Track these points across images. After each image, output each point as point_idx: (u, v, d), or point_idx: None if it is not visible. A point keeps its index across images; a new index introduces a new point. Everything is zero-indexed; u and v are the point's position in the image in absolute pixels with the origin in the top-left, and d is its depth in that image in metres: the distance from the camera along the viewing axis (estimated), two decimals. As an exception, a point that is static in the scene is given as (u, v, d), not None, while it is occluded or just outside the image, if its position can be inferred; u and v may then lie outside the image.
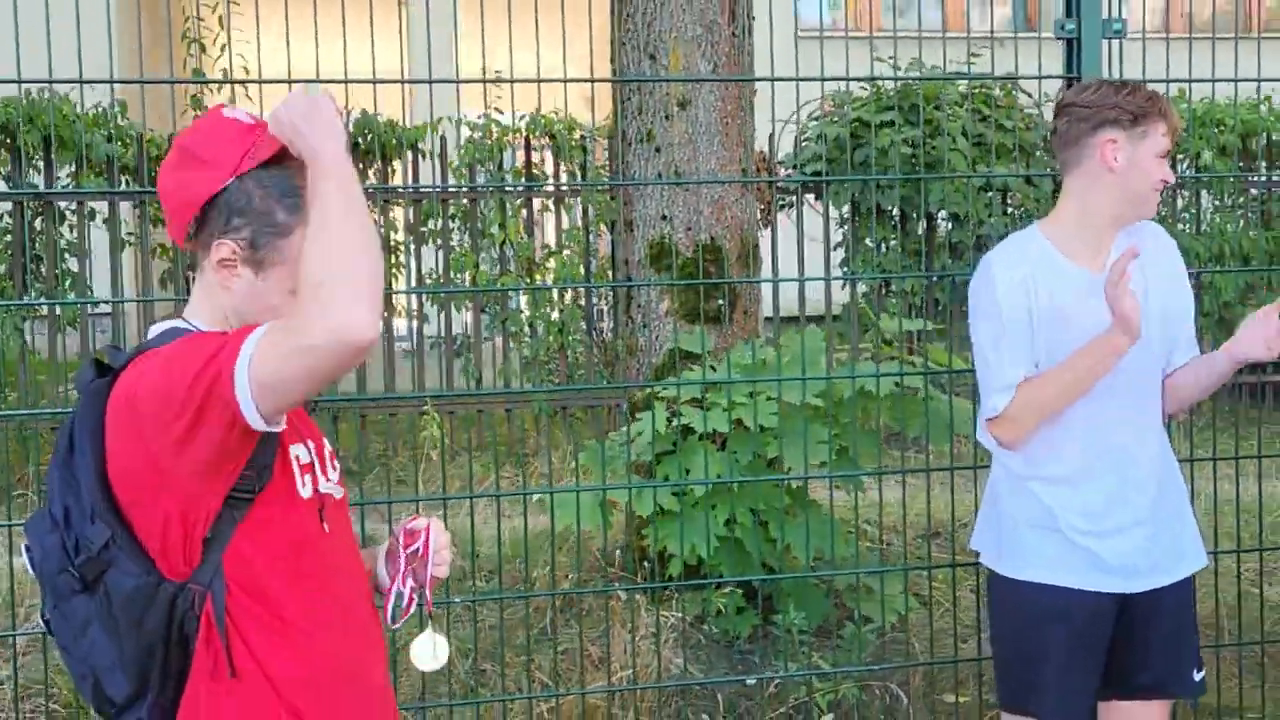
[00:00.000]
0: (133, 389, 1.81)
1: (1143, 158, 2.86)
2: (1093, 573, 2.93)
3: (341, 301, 1.68)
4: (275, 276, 1.91)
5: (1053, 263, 2.93)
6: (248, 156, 1.89)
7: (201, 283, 1.96)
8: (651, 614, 4.24)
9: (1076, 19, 3.49)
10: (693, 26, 4.56)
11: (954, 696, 4.14)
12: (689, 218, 4.63)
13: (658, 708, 4.03)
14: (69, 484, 1.87)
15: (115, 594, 1.84)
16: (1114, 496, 2.91)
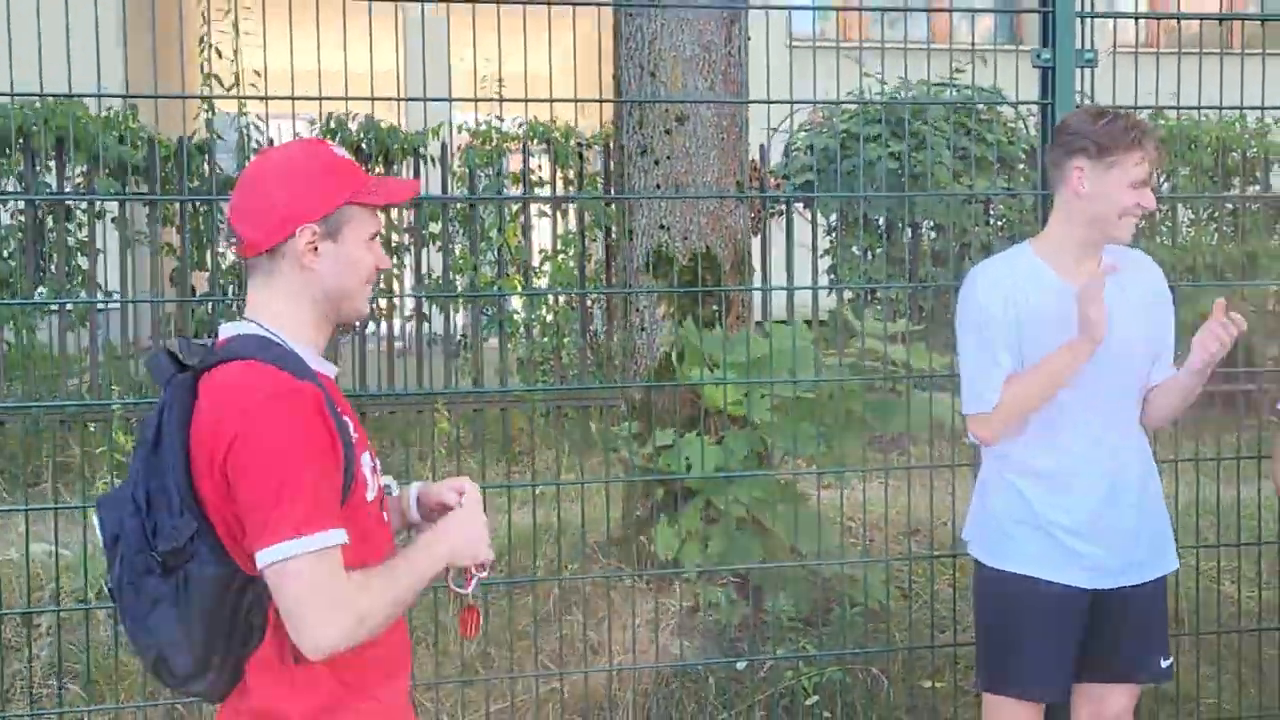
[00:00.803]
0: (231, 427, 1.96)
1: (1110, 186, 3.07)
2: (1072, 569, 3.17)
3: (348, 641, 1.98)
4: (350, 235, 2.14)
5: (1038, 275, 3.17)
6: (365, 190, 2.15)
7: (271, 281, 2.13)
8: (648, 602, 4.49)
9: (1052, 49, 3.74)
10: (691, 46, 4.81)
11: (931, 682, 4.39)
12: (685, 227, 4.88)
13: (654, 689, 4.27)
14: (154, 471, 2.01)
15: (194, 582, 1.98)
16: (1098, 498, 3.16)
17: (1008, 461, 3.26)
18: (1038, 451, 3.20)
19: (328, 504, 1.99)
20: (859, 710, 4.33)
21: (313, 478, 1.98)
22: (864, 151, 7.99)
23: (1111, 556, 3.17)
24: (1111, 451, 3.17)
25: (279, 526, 1.94)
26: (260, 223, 2.11)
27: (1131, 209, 3.08)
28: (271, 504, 1.94)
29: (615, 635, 4.42)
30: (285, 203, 2.10)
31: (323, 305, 2.15)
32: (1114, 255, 3.26)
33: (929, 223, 8.59)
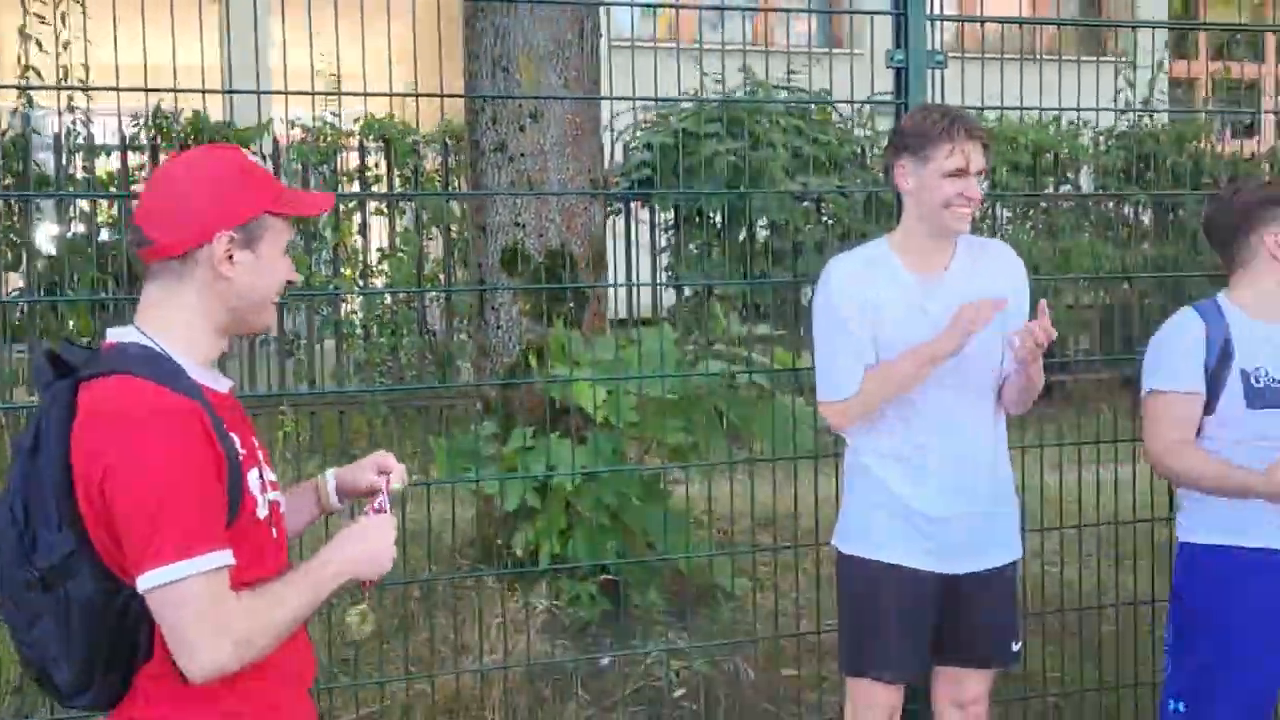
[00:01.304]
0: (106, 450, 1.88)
1: (928, 178, 3.15)
2: (926, 554, 3.26)
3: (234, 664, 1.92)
4: (268, 244, 2.06)
5: (890, 269, 3.26)
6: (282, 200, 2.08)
7: (176, 288, 2.04)
8: (515, 603, 4.47)
9: (905, 50, 3.85)
10: (545, 43, 4.80)
11: (792, 670, 4.47)
12: (541, 224, 4.86)
13: (521, 688, 4.25)
14: (32, 481, 1.92)
15: (75, 599, 1.91)
16: (952, 484, 3.24)
17: (865, 447, 3.35)
18: (893, 437, 3.29)
19: (211, 525, 1.91)
20: (722, 701, 4.39)
21: (193, 498, 1.90)
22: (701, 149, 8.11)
23: (963, 542, 3.27)
24: (965, 438, 3.26)
25: (158, 551, 1.86)
26: (174, 226, 2.01)
27: (953, 199, 3.15)
28: (150, 528, 1.86)
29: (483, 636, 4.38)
30: (203, 207, 2.01)
31: (229, 316, 2.07)
32: (973, 245, 3.37)
33: (763, 221, 8.75)
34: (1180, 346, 3.33)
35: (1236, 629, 3.25)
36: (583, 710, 4.28)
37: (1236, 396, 3.23)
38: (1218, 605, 3.28)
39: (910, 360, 3.19)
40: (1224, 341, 3.26)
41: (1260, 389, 3.22)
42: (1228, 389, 3.24)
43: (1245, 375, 3.23)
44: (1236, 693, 3.27)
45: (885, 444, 3.31)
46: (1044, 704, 4.36)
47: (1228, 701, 3.28)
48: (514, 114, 4.82)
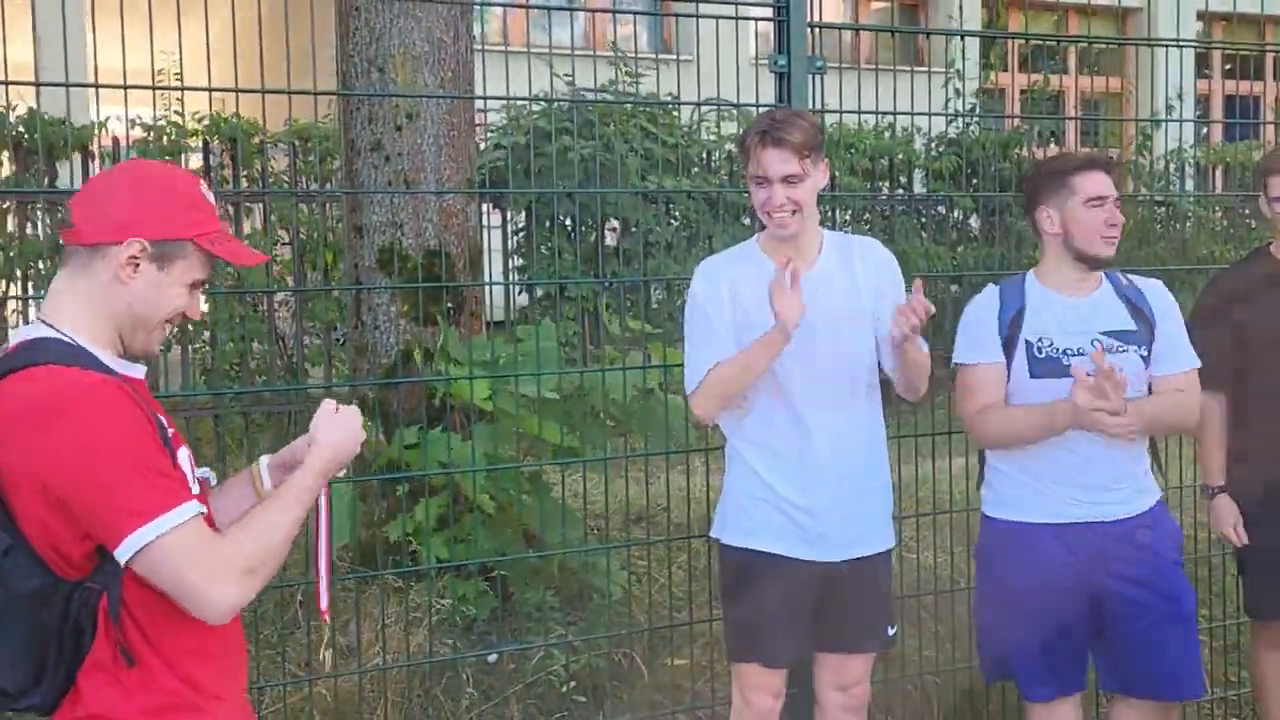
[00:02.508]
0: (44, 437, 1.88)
1: (753, 188, 3.35)
2: (801, 543, 3.40)
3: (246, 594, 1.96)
4: (178, 270, 2.07)
5: (759, 266, 3.39)
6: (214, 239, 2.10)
7: (79, 280, 2.05)
8: (399, 604, 4.45)
9: (788, 56, 3.99)
10: (420, 43, 4.80)
11: (672, 660, 4.57)
12: (418, 225, 4.86)
13: (409, 689, 4.24)
14: None
15: (14, 596, 1.93)
16: (822, 473, 3.38)
17: (739, 438, 3.47)
18: (763, 428, 3.41)
19: (170, 480, 1.95)
20: (610, 691, 4.46)
21: (145, 461, 1.93)
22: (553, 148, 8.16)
23: (837, 530, 3.40)
24: (835, 428, 3.39)
25: (127, 518, 1.89)
26: (96, 216, 2.05)
27: (763, 205, 3.31)
28: (110, 500, 1.90)
29: (367, 637, 4.36)
30: (129, 209, 2.04)
31: (116, 324, 2.07)
32: (844, 243, 3.49)
33: (612, 223, 8.86)
34: (975, 319, 3.57)
35: (1040, 594, 3.47)
36: (475, 707, 4.30)
37: (1021, 365, 3.45)
38: (1020, 573, 3.50)
39: (753, 347, 3.30)
40: (1016, 313, 3.48)
41: (1041, 359, 3.42)
42: (1015, 358, 3.46)
43: (1029, 345, 3.44)
44: (1045, 650, 3.50)
45: (756, 434, 3.44)
46: (920, 683, 4.56)
47: (1036, 658, 3.51)
48: (390, 114, 4.80)
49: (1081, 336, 3.42)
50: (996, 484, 3.61)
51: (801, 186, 3.30)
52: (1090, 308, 3.48)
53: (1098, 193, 3.44)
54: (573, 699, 4.35)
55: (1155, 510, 3.55)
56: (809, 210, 3.36)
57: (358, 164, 4.84)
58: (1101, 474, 3.43)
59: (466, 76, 4.96)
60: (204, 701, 2.08)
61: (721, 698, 4.27)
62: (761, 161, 3.29)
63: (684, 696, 4.42)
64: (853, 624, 3.52)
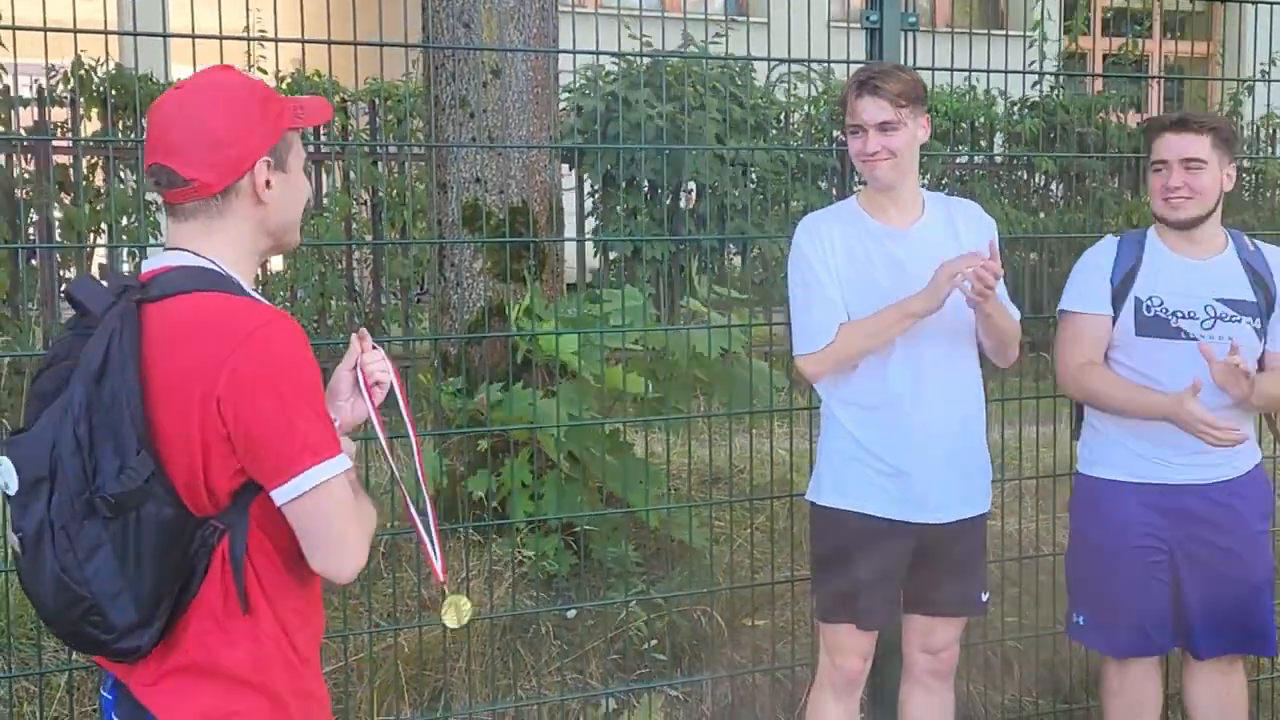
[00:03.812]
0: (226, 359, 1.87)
1: (850, 138, 3.36)
2: (895, 504, 3.37)
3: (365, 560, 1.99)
4: (293, 161, 2.07)
5: (860, 223, 3.39)
6: (298, 115, 2.07)
7: (216, 224, 2.00)
8: (479, 558, 4.48)
9: (879, 11, 3.93)
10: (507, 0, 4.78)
11: (753, 620, 4.57)
12: (502, 181, 4.86)
13: (490, 640, 4.27)
14: (96, 405, 1.86)
15: (146, 525, 1.87)
16: (920, 435, 3.35)
17: (838, 398, 3.45)
18: (861, 388, 3.39)
19: (330, 425, 1.97)
20: (688, 650, 4.47)
21: (320, 402, 1.95)
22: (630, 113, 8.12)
23: (933, 493, 3.37)
24: (934, 391, 3.36)
25: (314, 448, 1.90)
26: (215, 163, 1.97)
27: (861, 155, 3.31)
28: (290, 432, 1.89)
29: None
30: (234, 138, 1.98)
31: (265, 241, 2.07)
32: (945, 204, 3.48)
33: (688, 187, 8.81)
34: (1089, 267, 3.54)
35: (1121, 553, 3.48)
36: (554, 661, 4.32)
37: (1128, 321, 3.44)
38: (1103, 530, 3.52)
39: (889, 313, 3.29)
40: (1131, 267, 3.46)
41: (1149, 317, 3.40)
42: (1123, 313, 3.44)
43: (1138, 302, 3.43)
44: (1124, 608, 3.51)
45: (853, 394, 3.41)
46: (1000, 649, 4.53)
47: (1117, 615, 3.52)
48: (475, 70, 4.80)
49: (1194, 300, 3.39)
50: (1091, 441, 3.59)
51: (897, 135, 3.28)
52: (1208, 270, 3.45)
53: (1159, 155, 3.44)
54: (653, 656, 4.37)
55: (1251, 475, 3.50)
56: (906, 162, 3.33)
57: (442, 120, 4.84)
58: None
59: (551, 34, 4.95)
60: (300, 663, 2.07)
61: (801, 659, 4.27)
62: (857, 109, 3.30)
63: (763, 658, 4.42)
64: (946, 588, 3.49)
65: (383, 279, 8.14)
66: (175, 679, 1.96)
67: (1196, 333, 3.34)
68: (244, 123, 1.99)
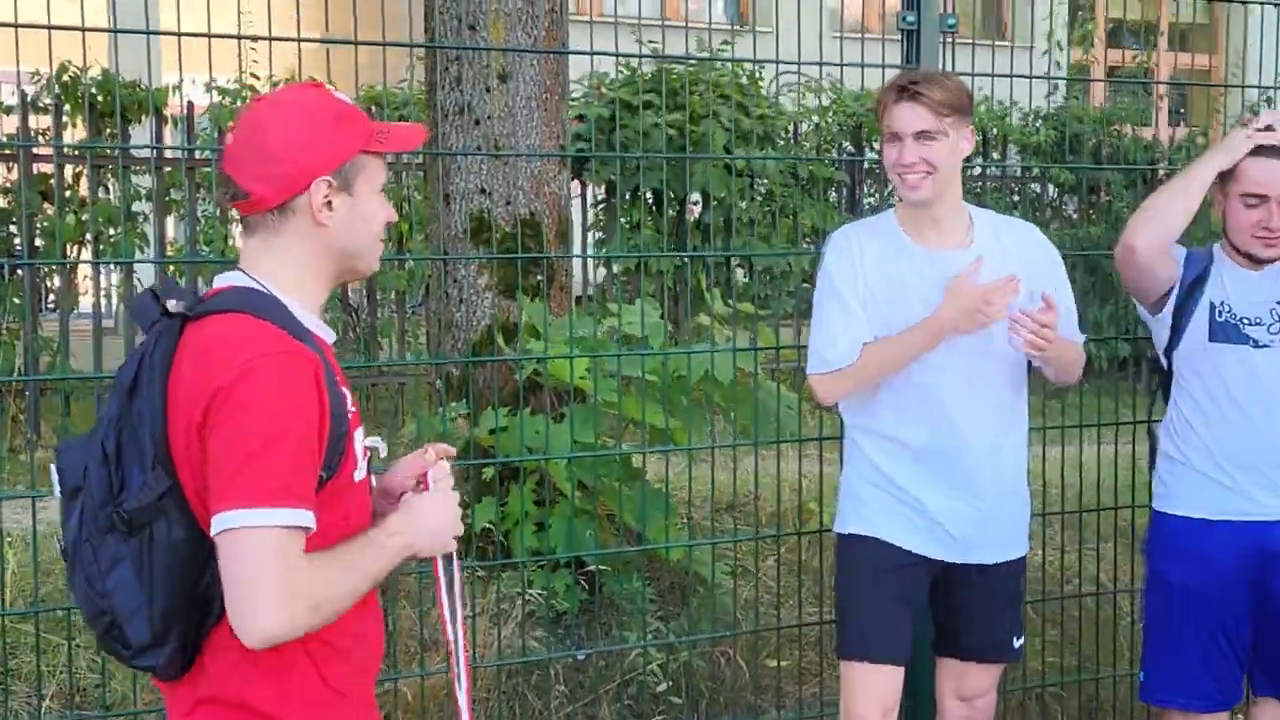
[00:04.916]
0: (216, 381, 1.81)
1: (885, 148, 3.07)
2: (920, 538, 3.11)
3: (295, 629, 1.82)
4: (363, 185, 1.98)
5: (896, 241, 3.11)
6: (377, 137, 2.00)
7: (276, 241, 1.96)
8: (485, 595, 4.20)
9: (917, 13, 3.67)
10: (514, 0, 4.51)
11: (778, 662, 4.29)
12: (508, 192, 4.59)
13: (495, 685, 3.99)
14: (127, 419, 1.85)
15: (159, 544, 1.83)
16: (945, 473, 3.08)
17: (858, 425, 3.20)
18: (882, 418, 3.14)
19: (303, 481, 1.84)
20: (705, 693, 4.19)
21: (293, 448, 1.83)
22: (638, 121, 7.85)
23: (962, 533, 3.11)
24: (959, 428, 3.09)
25: (246, 490, 1.78)
26: (269, 176, 1.93)
27: (896, 166, 3.03)
28: (242, 465, 1.79)
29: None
30: (297, 154, 1.93)
31: (332, 264, 2.01)
32: (994, 223, 3.20)
33: (694, 198, 8.54)
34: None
35: (1199, 599, 3.27)
36: (564, 706, 4.04)
37: (1201, 327, 3.25)
38: (1185, 575, 3.30)
39: (914, 333, 3.02)
40: (1199, 275, 3.29)
41: (1221, 322, 3.24)
42: (1194, 320, 3.26)
43: (1212, 307, 3.24)
44: (1201, 661, 3.29)
45: (874, 424, 3.15)
46: (1039, 694, 4.26)
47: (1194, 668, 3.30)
48: (481, 74, 4.52)
49: (1260, 306, 3.24)
50: (1167, 474, 3.35)
51: (937, 146, 2.99)
52: (1270, 277, 3.28)
53: (1256, 189, 3.16)
54: (668, 699, 4.08)
55: None
56: (947, 175, 3.04)
57: (445, 127, 4.57)
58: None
59: (562, 38, 4.68)
60: (332, 696, 1.97)
61: (829, 703, 3.99)
62: (894, 116, 3.01)
63: (786, 700, 4.15)
64: (977, 631, 3.23)
65: (377, 292, 7.86)
66: (205, 710, 1.93)
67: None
68: (307, 139, 1.94)
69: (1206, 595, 3.27)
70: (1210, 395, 3.27)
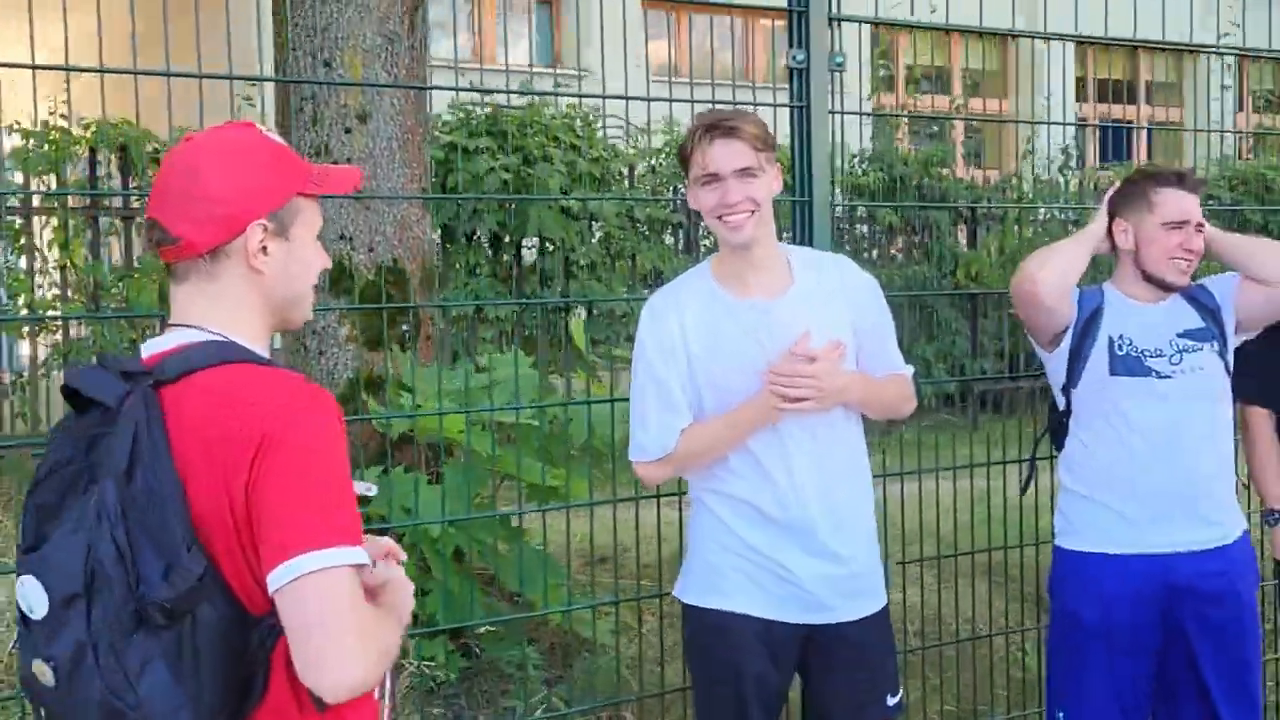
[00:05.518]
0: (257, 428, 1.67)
1: (693, 192, 2.86)
2: (779, 601, 2.88)
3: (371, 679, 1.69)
4: (300, 230, 1.87)
5: (716, 297, 2.88)
6: (313, 181, 1.88)
7: (209, 288, 1.82)
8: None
9: (806, 51, 3.60)
10: (372, 36, 4.28)
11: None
12: (370, 238, 4.34)
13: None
14: (131, 507, 1.65)
15: (204, 629, 1.66)
16: (796, 529, 2.86)
17: (702, 486, 2.95)
18: (726, 480, 2.89)
19: (357, 517, 1.73)
20: (598, 761, 3.99)
21: (347, 485, 1.73)
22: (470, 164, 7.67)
23: (818, 591, 2.88)
24: (815, 474, 2.87)
25: (315, 533, 1.65)
26: (200, 219, 1.79)
27: (719, 208, 2.80)
28: (307, 508, 1.66)
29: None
30: (231, 196, 1.79)
31: (268, 314, 1.87)
32: (811, 260, 2.99)
33: (530, 242, 8.39)
34: None
35: (1107, 634, 3.26)
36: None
37: (1101, 362, 3.26)
38: (1084, 609, 3.29)
39: (723, 425, 2.83)
40: (1094, 311, 3.31)
41: (1122, 355, 3.26)
42: (1093, 355, 3.27)
43: (1111, 341, 3.27)
44: (1104, 695, 3.27)
45: (719, 485, 2.90)
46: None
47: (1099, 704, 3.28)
48: (339, 114, 4.28)
49: (1160, 338, 3.27)
50: (1069, 509, 3.33)
51: (758, 183, 2.78)
52: (1163, 312, 3.32)
53: (1179, 215, 3.26)
54: (562, 770, 3.87)
55: (1240, 543, 3.31)
56: (767, 214, 2.83)
57: (300, 171, 4.29)
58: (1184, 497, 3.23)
59: (421, 74, 4.47)
60: None
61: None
62: (710, 156, 2.77)
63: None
64: (847, 696, 2.97)
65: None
66: None
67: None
68: (242, 181, 1.81)
69: (1115, 631, 3.25)
70: (1113, 428, 3.26)
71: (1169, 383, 3.22)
